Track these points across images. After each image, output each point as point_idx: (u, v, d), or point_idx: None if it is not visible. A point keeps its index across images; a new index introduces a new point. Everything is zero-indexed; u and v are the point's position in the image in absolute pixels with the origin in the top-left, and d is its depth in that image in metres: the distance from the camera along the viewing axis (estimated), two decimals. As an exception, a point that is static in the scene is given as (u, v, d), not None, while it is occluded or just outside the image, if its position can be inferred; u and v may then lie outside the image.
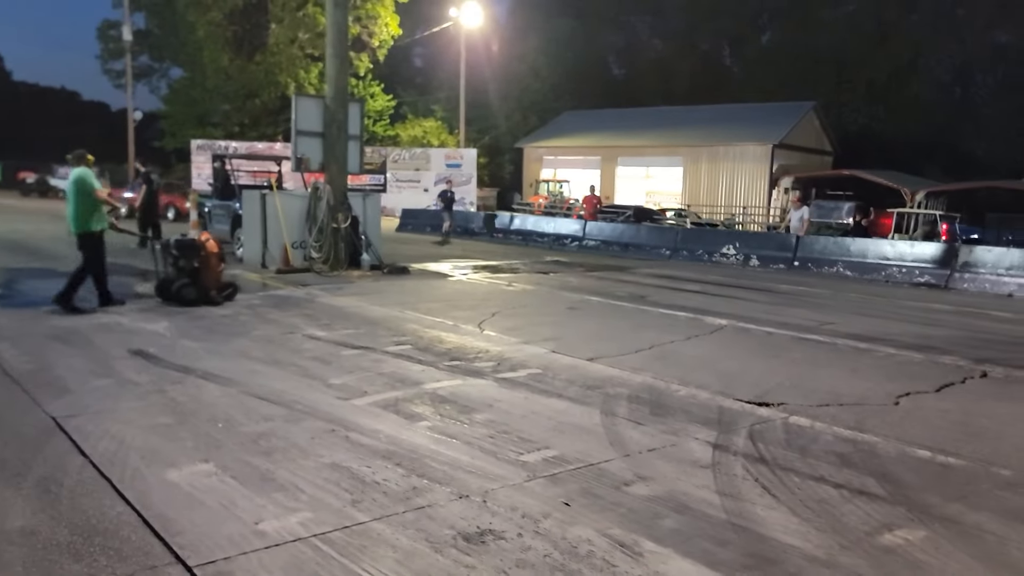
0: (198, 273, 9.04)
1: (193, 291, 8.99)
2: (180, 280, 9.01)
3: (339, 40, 12.75)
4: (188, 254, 9.07)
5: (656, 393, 5.83)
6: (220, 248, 9.45)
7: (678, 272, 15.04)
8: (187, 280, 9.00)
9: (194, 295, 8.97)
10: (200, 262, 9.05)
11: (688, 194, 33.73)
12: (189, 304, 8.85)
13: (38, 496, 3.65)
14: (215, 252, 9.26)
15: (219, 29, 37.70)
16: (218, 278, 9.34)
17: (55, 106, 73.40)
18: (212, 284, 9.18)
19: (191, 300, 8.91)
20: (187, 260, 9.05)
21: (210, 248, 9.20)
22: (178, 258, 9.09)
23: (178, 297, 8.92)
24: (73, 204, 8.52)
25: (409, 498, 3.78)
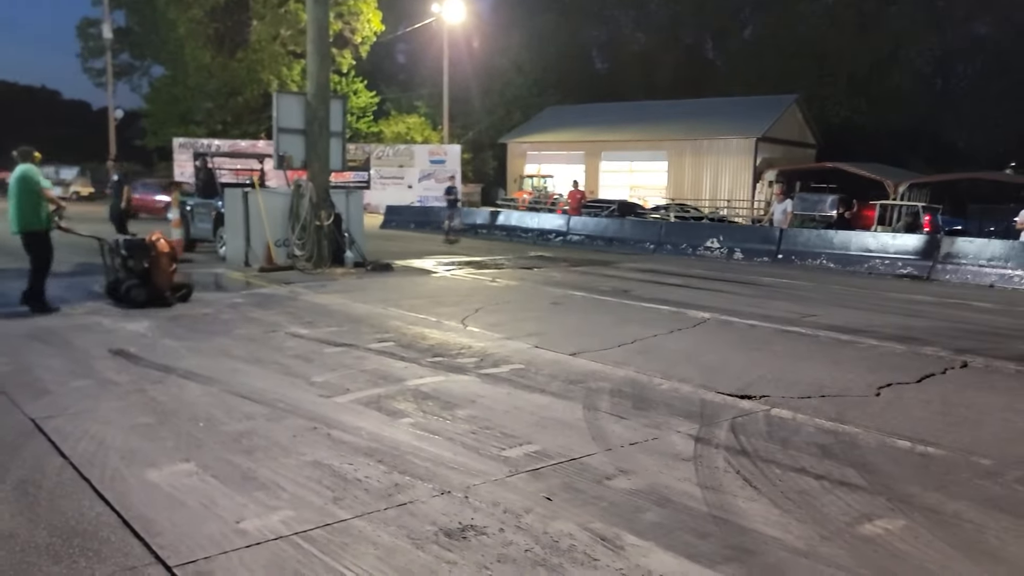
0: (149, 273, 8.82)
1: (143, 292, 8.73)
2: (129, 281, 8.77)
3: (320, 37, 12.68)
4: (137, 254, 8.84)
5: (639, 387, 5.85)
6: (172, 248, 9.24)
7: (662, 266, 15.09)
8: (136, 281, 8.76)
9: (144, 296, 8.71)
10: (151, 262, 8.82)
11: (672, 188, 33.86)
12: (139, 305, 8.59)
13: (16, 499, 3.62)
14: (166, 252, 9.01)
15: (200, 26, 37.43)
16: (170, 278, 9.07)
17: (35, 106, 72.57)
18: (164, 284, 8.93)
19: (141, 301, 8.65)
20: (136, 261, 8.80)
21: (161, 248, 8.96)
22: (127, 258, 8.85)
23: (127, 298, 8.66)
24: (15, 202, 8.21)
25: (391, 495, 3.77)
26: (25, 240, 8.35)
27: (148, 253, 8.86)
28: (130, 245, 8.94)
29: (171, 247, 9.17)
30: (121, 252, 8.89)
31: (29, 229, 8.27)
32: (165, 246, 9.04)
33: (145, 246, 8.92)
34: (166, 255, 9.00)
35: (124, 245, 8.94)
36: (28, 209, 8.23)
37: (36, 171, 8.35)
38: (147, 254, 8.85)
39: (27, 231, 8.28)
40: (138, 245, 8.94)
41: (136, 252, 8.87)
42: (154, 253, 8.89)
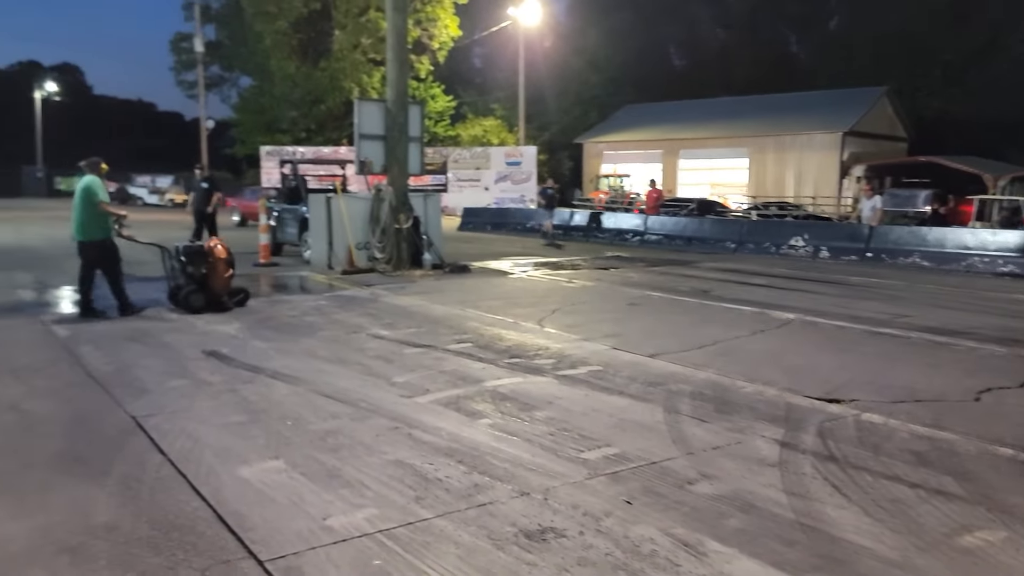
0: (206, 279, 8.98)
1: (201, 298, 8.90)
2: (188, 286, 8.94)
3: (399, 44, 12.93)
4: (196, 261, 9.01)
5: (720, 390, 5.74)
6: (229, 253, 9.28)
7: (743, 265, 14.75)
8: (194, 286, 8.93)
9: (202, 302, 8.88)
10: (208, 268, 8.99)
11: (754, 185, 33.05)
12: (196, 311, 8.77)
13: (120, 492, 3.82)
14: (223, 258, 9.13)
15: (285, 38, 38.65)
16: (227, 283, 9.20)
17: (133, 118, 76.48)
18: (222, 289, 9.09)
19: (199, 307, 8.83)
20: (195, 266, 8.98)
21: (218, 254, 9.10)
22: (186, 264, 9.02)
23: (186, 303, 8.86)
24: (78, 211, 8.47)
25: (471, 495, 3.81)
26: (83, 248, 8.55)
27: (206, 259, 9.04)
28: (189, 251, 9.10)
29: (228, 253, 9.26)
30: (180, 258, 9.06)
31: (89, 239, 8.52)
32: (222, 252, 9.18)
33: (203, 252, 9.10)
34: (223, 261, 9.14)
35: (183, 251, 9.09)
36: (89, 219, 8.47)
37: (99, 183, 8.54)
38: (205, 260, 9.03)
39: (87, 240, 8.53)
40: (196, 251, 9.12)
41: (194, 258, 9.04)
42: (211, 259, 9.05)
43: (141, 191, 43.13)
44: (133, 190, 43.60)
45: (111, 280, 8.65)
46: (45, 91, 57.34)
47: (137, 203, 41.79)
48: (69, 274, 12.27)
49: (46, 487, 3.87)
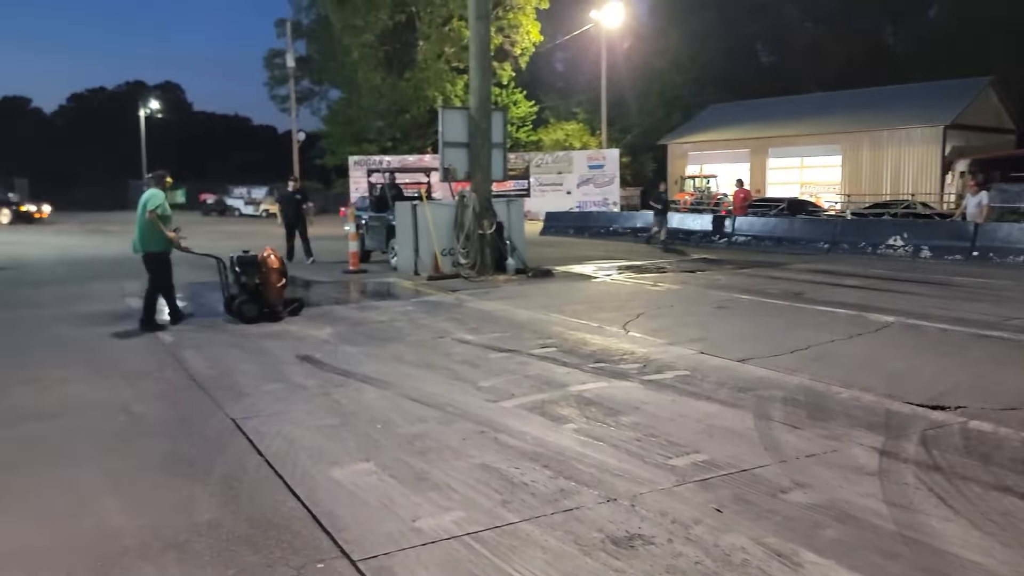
0: (259, 289, 9.03)
1: (254, 308, 8.96)
2: (240, 296, 9.01)
3: (482, 52, 13.08)
4: (249, 271, 9.05)
5: (815, 395, 5.55)
6: (283, 264, 9.32)
7: (837, 267, 14.22)
8: (247, 296, 8.98)
9: (255, 312, 8.94)
10: (261, 278, 9.02)
11: (848, 183, 31.85)
12: (250, 321, 8.83)
13: (222, 492, 3.99)
14: (276, 268, 9.15)
15: (372, 50, 39.68)
16: (281, 293, 9.24)
17: (229, 132, 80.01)
18: (275, 299, 9.15)
19: (252, 316, 8.90)
20: (248, 277, 9.04)
21: (271, 264, 9.11)
22: (240, 275, 9.07)
23: (239, 313, 8.93)
24: (138, 224, 8.62)
25: (557, 500, 3.81)
26: (145, 261, 8.76)
27: (259, 269, 9.06)
28: (242, 262, 9.12)
29: (281, 263, 9.29)
30: (234, 269, 9.11)
31: (147, 250, 8.68)
32: (275, 262, 9.19)
33: (256, 263, 9.10)
34: (276, 271, 9.16)
35: (237, 262, 9.11)
36: (147, 232, 8.60)
37: (159, 197, 8.61)
38: (258, 270, 9.06)
39: (145, 252, 8.70)
40: (250, 262, 9.11)
41: (248, 269, 9.07)
42: (265, 269, 9.08)
43: (238, 202, 44.91)
44: (230, 201, 45.46)
45: (149, 289, 8.73)
46: (149, 109, 60.55)
47: (234, 214, 43.52)
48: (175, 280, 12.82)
49: (156, 486, 4.09)
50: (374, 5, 38.28)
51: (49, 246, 21.41)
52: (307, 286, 12.54)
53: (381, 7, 38.33)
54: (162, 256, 8.76)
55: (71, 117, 77.19)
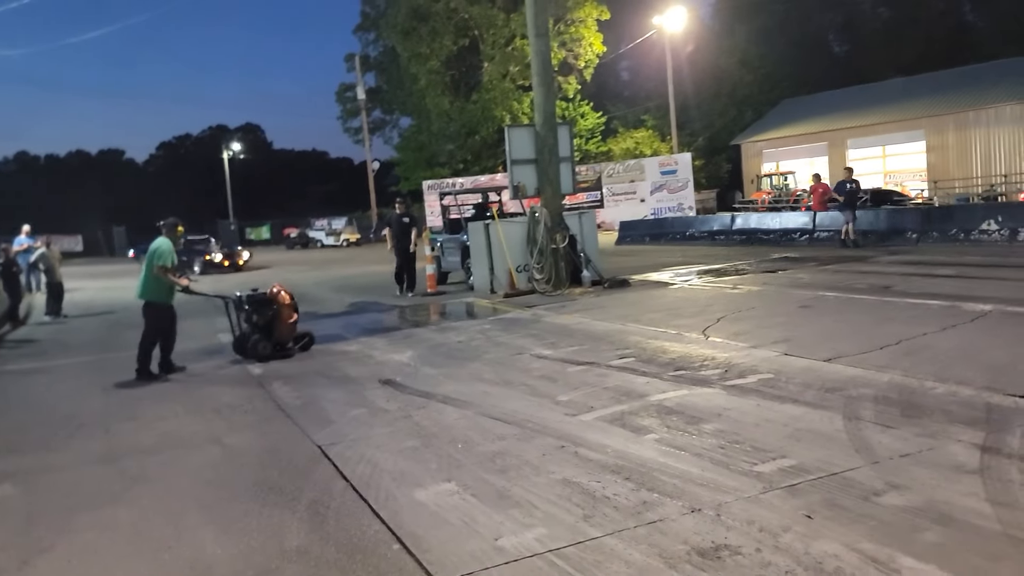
0: (271, 326, 8.89)
1: (268, 345, 8.81)
2: (254, 336, 8.85)
3: (544, 68, 13.15)
4: (261, 309, 8.91)
5: (907, 392, 5.30)
6: (292, 299, 9.17)
7: (927, 256, 13.59)
8: (259, 335, 8.84)
9: (269, 350, 8.79)
10: (273, 315, 8.89)
11: (934, 169, 30.46)
12: (264, 359, 8.68)
13: (310, 518, 4.10)
14: (287, 304, 9.02)
15: (438, 76, 40.51)
16: (292, 329, 9.08)
17: (308, 167, 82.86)
18: (287, 336, 9.00)
19: (266, 355, 8.73)
20: (260, 315, 8.88)
21: (282, 300, 8.98)
22: (251, 313, 8.90)
23: (254, 353, 8.77)
24: (144, 271, 8.46)
25: (640, 512, 3.76)
26: (143, 309, 8.50)
27: (270, 306, 8.93)
28: (252, 300, 8.99)
29: (291, 298, 9.16)
30: (245, 307, 8.96)
31: (147, 299, 8.47)
32: (286, 298, 9.06)
33: (267, 300, 8.98)
34: (288, 307, 9.04)
35: (247, 300, 8.98)
36: (151, 282, 8.41)
37: (166, 247, 8.41)
38: (269, 307, 8.93)
39: (146, 301, 8.48)
40: (260, 300, 9.00)
41: (259, 307, 8.93)
42: (276, 306, 8.95)
43: (319, 234, 46.31)
44: (312, 234, 46.92)
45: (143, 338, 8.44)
46: (232, 151, 63.27)
47: (316, 246, 44.81)
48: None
49: (247, 514, 4.23)
50: (437, 32, 39.10)
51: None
52: (388, 311, 12.82)
53: (444, 33, 39.12)
54: (161, 308, 8.48)
55: (161, 164, 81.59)
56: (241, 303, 9.02)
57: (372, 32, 47.90)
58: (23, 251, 17.85)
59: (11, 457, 5.66)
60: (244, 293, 9.14)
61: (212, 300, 9.66)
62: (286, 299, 9.07)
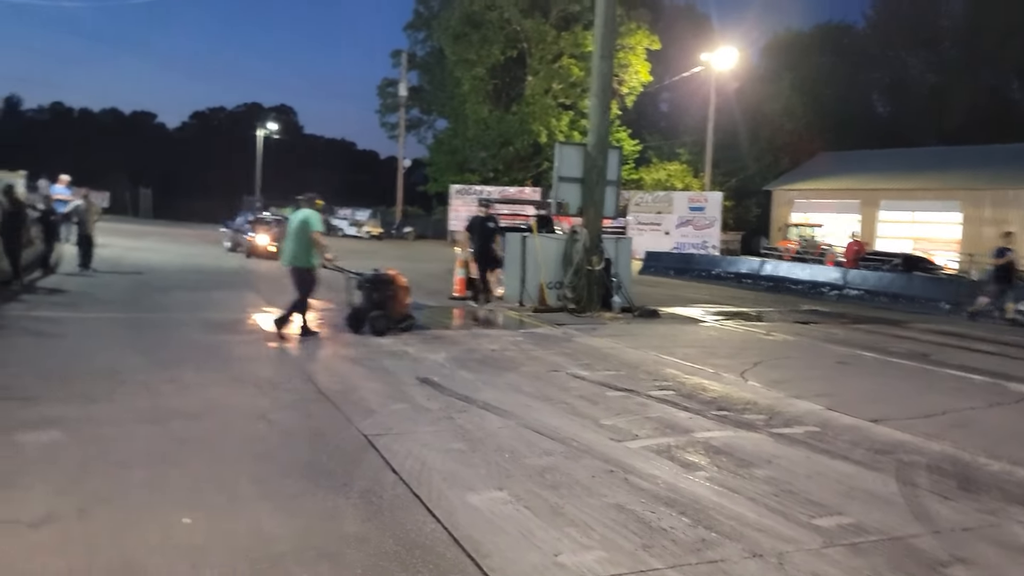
0: (387, 304, 9.58)
1: (385, 321, 9.49)
2: (374, 311, 9.52)
3: (603, 90, 13.19)
4: (380, 288, 9.63)
5: (961, 465, 5.25)
6: (407, 282, 9.94)
7: (964, 329, 13.49)
8: (379, 312, 9.51)
9: (385, 325, 9.46)
10: (391, 294, 9.62)
11: (967, 243, 30.34)
12: (380, 333, 9.35)
13: (364, 506, 4.08)
14: (404, 286, 9.85)
15: (481, 83, 40.71)
16: (405, 309, 9.89)
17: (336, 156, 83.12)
18: (399, 315, 9.76)
19: (382, 329, 9.42)
20: (380, 293, 9.59)
21: (399, 282, 9.78)
22: (372, 291, 9.61)
23: (372, 326, 9.44)
24: (292, 240, 9.17)
25: (699, 550, 3.72)
26: (293, 275, 9.23)
27: (389, 286, 9.68)
28: (376, 279, 9.69)
29: (406, 282, 9.91)
30: (366, 285, 9.66)
31: (296, 264, 9.15)
32: (403, 281, 9.85)
33: (387, 280, 9.71)
34: (404, 288, 9.83)
35: (370, 279, 9.67)
36: (301, 248, 9.13)
37: (316, 216, 9.26)
38: (388, 287, 9.66)
39: (296, 267, 9.16)
40: (381, 279, 9.70)
41: (380, 285, 9.67)
42: (394, 286, 9.71)
43: (342, 223, 46.37)
44: (335, 222, 46.96)
45: (297, 300, 9.17)
46: (266, 130, 63.54)
47: (337, 234, 44.88)
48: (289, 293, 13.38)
49: (301, 493, 4.22)
50: (488, 40, 39.32)
51: (171, 253, 22.63)
52: (417, 308, 12.79)
53: (494, 42, 39.33)
54: (308, 271, 9.19)
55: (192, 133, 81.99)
56: (364, 281, 9.66)
57: (422, 32, 48.26)
58: (58, 200, 17.96)
59: (59, 404, 5.66)
60: (368, 271, 9.83)
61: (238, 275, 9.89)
62: (403, 281, 9.88)
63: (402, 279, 9.87)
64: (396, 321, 9.71)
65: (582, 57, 37.92)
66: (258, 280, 15.96)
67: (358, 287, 9.72)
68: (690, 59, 38.40)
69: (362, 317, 9.59)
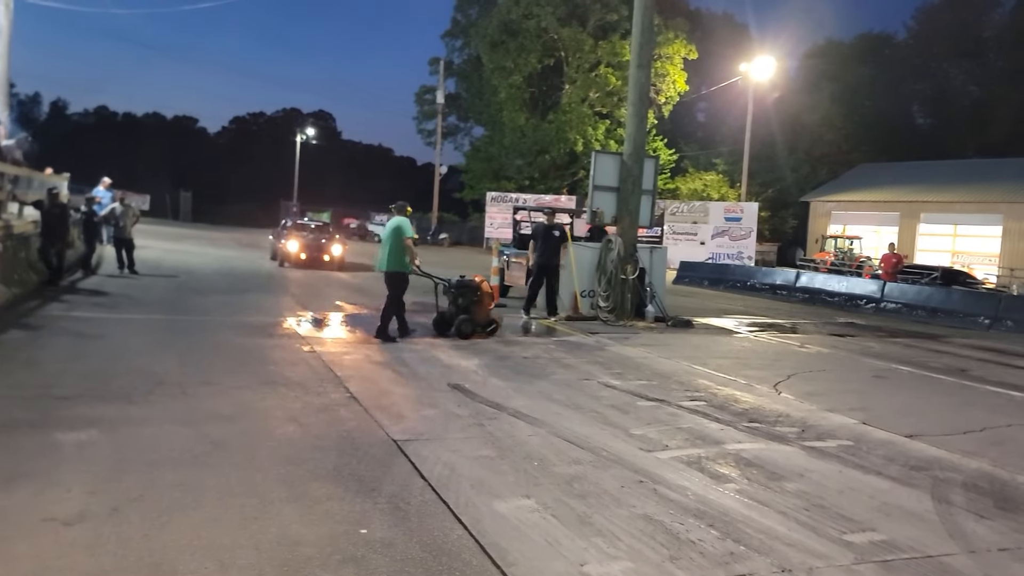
0: (471, 309, 10.06)
1: (471, 325, 10.02)
2: (460, 316, 10.02)
3: (640, 99, 13.15)
4: (467, 293, 10.11)
5: (998, 484, 5.14)
6: (492, 289, 10.31)
7: (1004, 345, 13.18)
8: (465, 316, 10.02)
9: (470, 329, 10.00)
10: (476, 300, 10.10)
11: (1008, 256, 29.65)
12: (466, 336, 9.90)
13: (391, 511, 4.11)
14: (488, 292, 10.35)
15: (519, 91, 40.86)
16: (488, 315, 10.36)
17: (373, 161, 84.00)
18: (483, 320, 10.22)
19: (467, 332, 9.95)
20: (465, 298, 10.08)
21: (484, 289, 10.28)
22: (457, 296, 10.09)
23: (458, 330, 9.95)
24: (388, 246, 9.67)
25: (728, 563, 3.69)
26: (388, 278, 9.76)
27: (475, 292, 10.15)
28: (461, 285, 10.16)
29: (491, 288, 10.29)
30: (452, 291, 10.15)
31: (392, 270, 9.69)
32: (488, 287, 10.35)
33: (473, 286, 10.17)
34: (488, 295, 10.35)
35: (456, 285, 10.15)
36: (395, 254, 9.65)
37: (407, 224, 9.78)
38: (474, 293, 10.14)
39: (391, 271, 9.70)
40: (468, 285, 10.17)
41: (465, 291, 10.14)
42: (479, 293, 10.19)
43: (378, 228, 46.76)
44: (371, 227, 47.44)
45: (389, 303, 9.73)
46: (304, 135, 64.41)
47: (374, 239, 45.26)
48: (324, 297, 13.54)
49: (329, 497, 4.26)
50: (525, 49, 39.47)
51: (209, 257, 23.06)
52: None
53: (532, 51, 39.48)
54: (404, 276, 9.79)
55: (231, 137, 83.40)
56: (449, 287, 10.17)
57: (460, 39, 48.64)
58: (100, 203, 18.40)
59: (97, 404, 5.80)
60: (454, 278, 10.31)
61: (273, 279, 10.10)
62: (488, 288, 10.46)
63: (487, 285, 10.39)
64: (481, 325, 10.19)
65: (619, 66, 37.89)
66: (292, 284, 16.18)
67: (444, 292, 10.20)
68: (728, 69, 38.14)
69: (449, 321, 10.12)
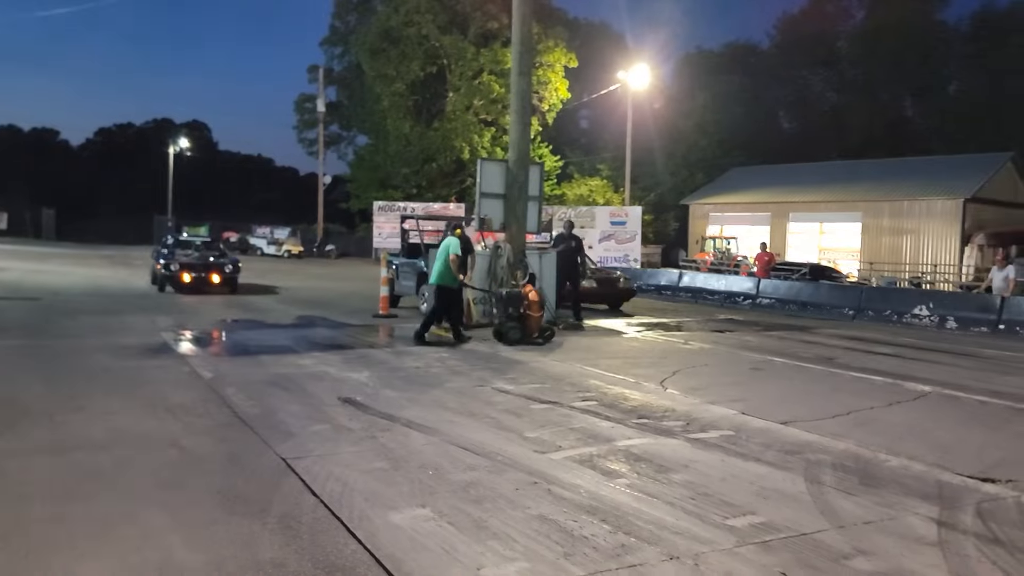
0: (522, 318, 10.96)
1: (518, 332, 10.86)
2: (509, 323, 10.88)
3: (522, 107, 13.34)
4: (515, 303, 11.10)
5: (863, 462, 5.53)
6: (541, 297, 11.22)
7: (865, 334, 14.19)
8: (514, 324, 10.90)
9: (519, 336, 10.83)
10: (524, 309, 11.00)
11: (867, 251, 31.92)
12: (514, 343, 10.68)
13: (282, 531, 4.00)
14: (536, 301, 11.15)
15: (402, 99, 40.59)
16: (539, 323, 11.19)
17: (253, 172, 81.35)
18: (534, 327, 11.07)
19: (515, 339, 10.78)
20: (514, 307, 11.06)
21: (532, 298, 11.11)
22: (507, 306, 11.05)
23: (506, 337, 10.79)
24: (440, 261, 10.87)
25: (619, 555, 3.80)
26: (437, 291, 10.93)
27: (522, 301, 11.05)
28: (509, 295, 11.17)
29: (540, 297, 11.27)
30: (502, 301, 11.10)
31: (441, 283, 10.85)
32: (535, 296, 11.17)
33: (521, 296, 11.09)
34: (536, 303, 11.15)
35: (506, 295, 11.14)
36: (446, 269, 10.79)
37: (456, 242, 10.86)
38: (522, 302, 11.04)
39: (440, 284, 10.86)
40: (515, 295, 11.14)
41: (513, 301, 11.13)
42: (527, 302, 11.05)
43: (260, 242, 45.24)
44: (253, 240, 45.87)
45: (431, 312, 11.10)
46: (178, 146, 61.61)
47: (256, 253, 43.70)
48: (204, 317, 13.04)
49: (214, 522, 4.10)
50: (407, 56, 39.29)
51: (77, 276, 21.70)
52: (338, 327, 12.64)
53: (413, 59, 39.33)
54: (451, 289, 10.96)
55: (97, 150, 78.77)
56: (500, 297, 11.16)
57: (339, 47, 47.89)
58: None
59: (-48, 438, 5.36)
60: (504, 289, 11.31)
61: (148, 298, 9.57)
62: (536, 297, 11.24)
63: (534, 295, 11.19)
64: (531, 333, 10.93)
65: (502, 74, 38.32)
66: (172, 304, 15.45)
67: (496, 304, 11.08)
68: (608, 77, 39.28)
69: (502, 331, 10.90)
